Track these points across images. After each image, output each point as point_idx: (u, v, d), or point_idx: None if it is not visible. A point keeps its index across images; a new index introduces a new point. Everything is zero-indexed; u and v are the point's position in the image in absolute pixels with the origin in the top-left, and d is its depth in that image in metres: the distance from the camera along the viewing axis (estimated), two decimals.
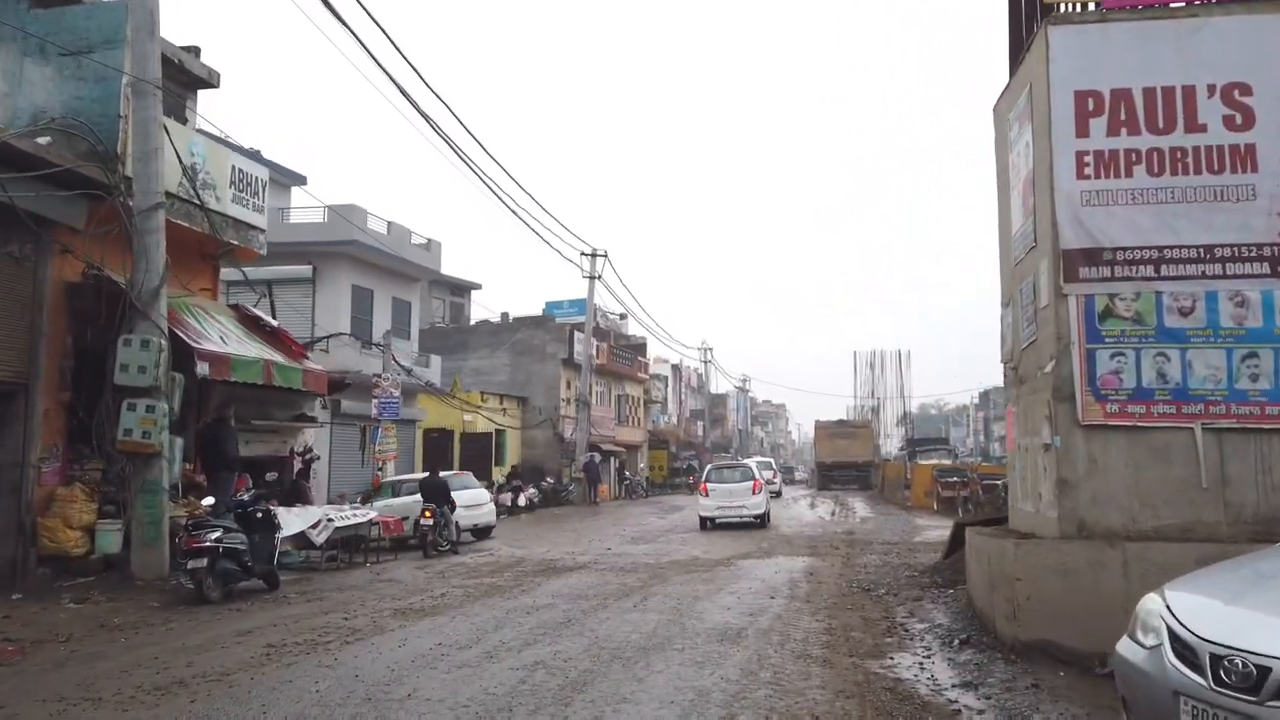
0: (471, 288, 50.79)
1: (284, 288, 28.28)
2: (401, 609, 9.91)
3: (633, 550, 16.90)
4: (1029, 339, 8.04)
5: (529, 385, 39.55)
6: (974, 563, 8.56)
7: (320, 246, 27.72)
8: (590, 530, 22.42)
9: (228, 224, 14.13)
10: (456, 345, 41.00)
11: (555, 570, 13.70)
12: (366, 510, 16.08)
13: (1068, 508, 7.06)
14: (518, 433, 38.44)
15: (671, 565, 14.25)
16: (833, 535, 19.85)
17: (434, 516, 16.88)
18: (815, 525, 23.34)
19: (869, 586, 11.17)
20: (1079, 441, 7.09)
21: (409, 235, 30.63)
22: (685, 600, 10.37)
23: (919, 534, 20.31)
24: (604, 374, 44.21)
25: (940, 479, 28.15)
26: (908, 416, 77.46)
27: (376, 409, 25.97)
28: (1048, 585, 6.73)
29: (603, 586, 11.67)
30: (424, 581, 12.56)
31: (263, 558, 11.42)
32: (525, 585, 11.87)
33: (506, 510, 30.11)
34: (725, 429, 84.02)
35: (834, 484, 48.62)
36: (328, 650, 7.62)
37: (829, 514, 27.88)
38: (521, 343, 40.15)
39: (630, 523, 24.87)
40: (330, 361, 26.92)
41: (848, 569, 13.47)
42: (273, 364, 13.14)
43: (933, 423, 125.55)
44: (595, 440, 41.18)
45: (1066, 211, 7.27)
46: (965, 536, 9.41)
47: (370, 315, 29.27)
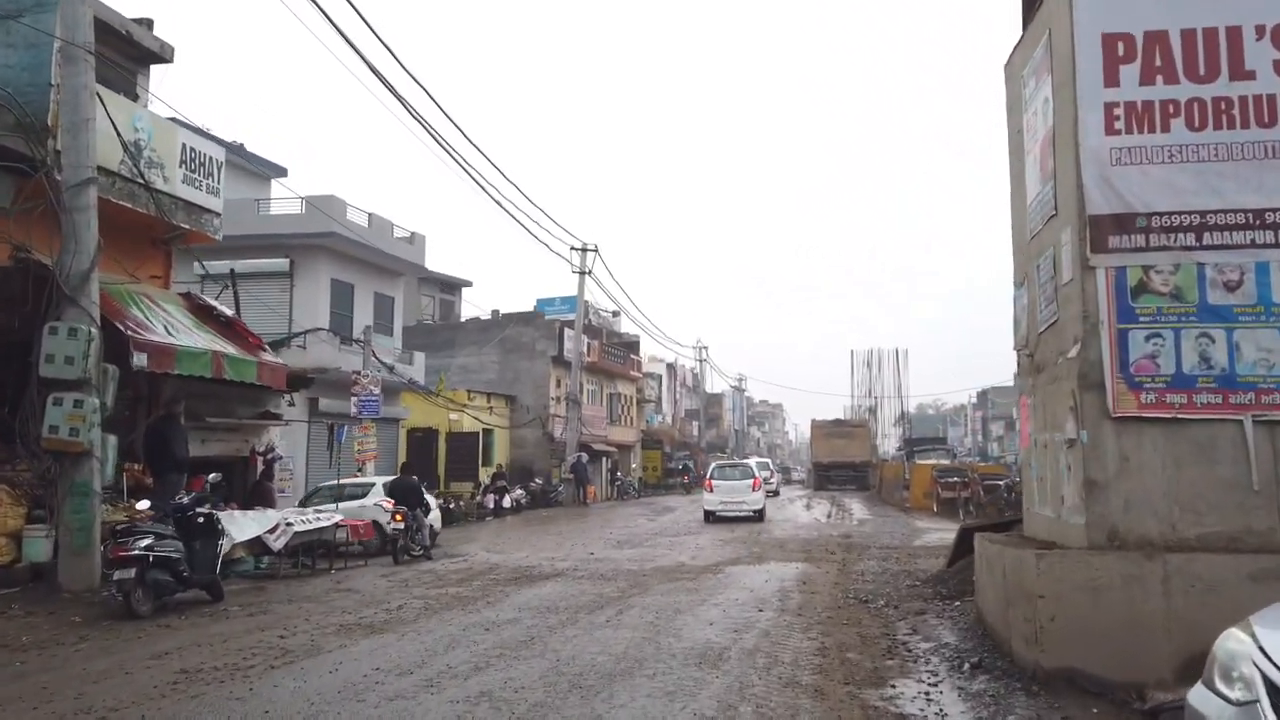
0: (462, 285, 49.85)
1: (260, 282, 27.37)
2: (348, 624, 8.93)
3: (616, 555, 15.94)
4: (1048, 321, 7.08)
5: (518, 384, 38.58)
6: (985, 574, 7.60)
7: (297, 239, 26.73)
8: (575, 533, 21.45)
9: (177, 206, 13.15)
10: (444, 342, 40.02)
11: (529, 578, 12.73)
12: (331, 514, 15.10)
13: (1096, 513, 6.10)
14: (506, 432, 37.46)
15: (655, 572, 13.29)
16: (828, 539, 18.90)
17: (405, 520, 15.90)
18: (810, 527, 22.39)
19: (867, 597, 10.20)
20: (1109, 436, 6.14)
21: (391, 228, 29.63)
22: (664, 614, 9.40)
23: (919, 537, 19.36)
24: (595, 372, 43.24)
25: (940, 479, 27.24)
26: (905, 416, 76.66)
27: (356, 407, 24.98)
28: (1075, 604, 5.78)
29: (577, 597, 10.70)
30: (384, 591, 11.58)
31: (204, 566, 10.43)
32: (492, 596, 10.89)
33: (491, 512, 29.19)
34: (721, 429, 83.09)
35: (831, 484, 47.69)
36: (246, 677, 6.64)
37: (825, 516, 26.93)
38: (510, 340, 39.17)
39: (618, 525, 23.91)
40: (308, 358, 25.96)
41: (844, 577, 12.52)
42: (223, 356, 12.17)
43: (930, 423, 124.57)
44: (586, 440, 40.21)
45: (1094, 172, 6.32)
46: (974, 543, 8.43)
47: (350, 310, 28.28)
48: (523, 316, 39.77)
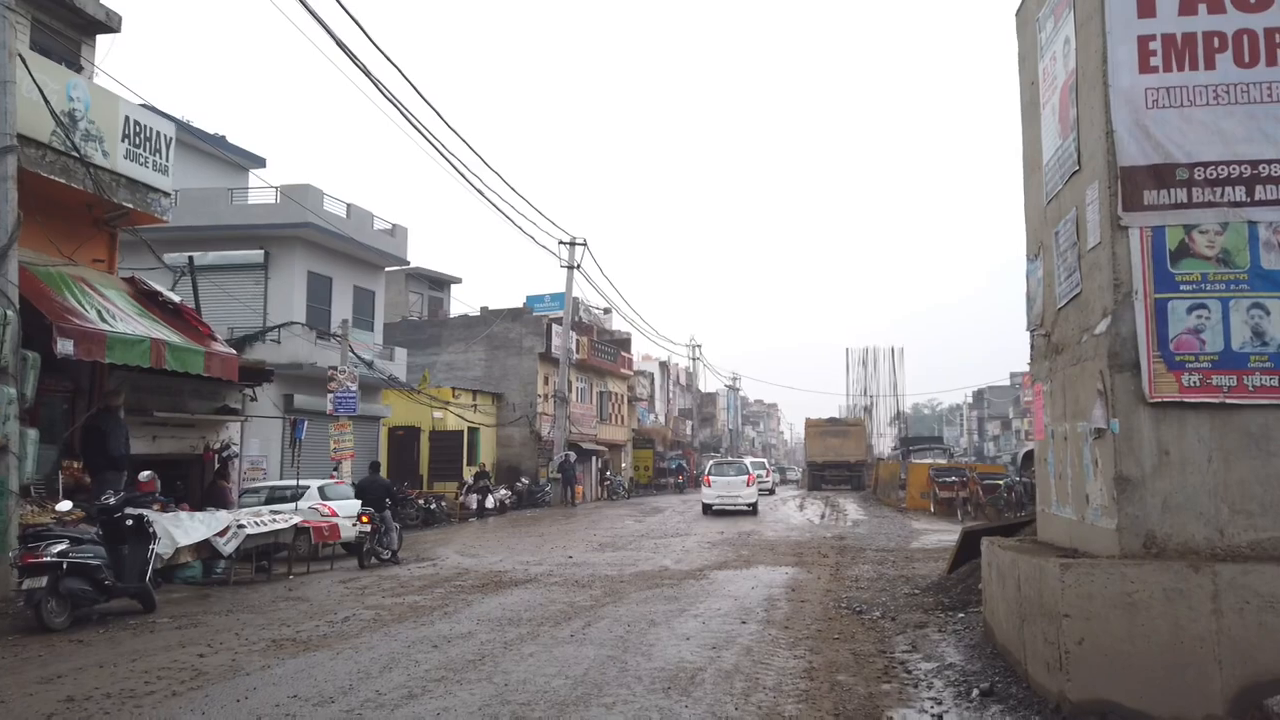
0: (450, 281, 48.92)
1: (233, 274, 26.41)
2: (282, 640, 7.98)
3: (596, 559, 15.00)
4: (1069, 294, 6.15)
5: (505, 381, 37.63)
6: (995, 585, 6.67)
7: (272, 230, 25.73)
8: (558, 535, 20.50)
9: (119, 183, 12.18)
10: (429, 339, 39.09)
11: (498, 585, 11.79)
12: (290, 515, 14.14)
13: (1130, 515, 5.18)
14: (492, 431, 36.53)
15: (635, 578, 12.36)
16: (821, 541, 17.98)
17: (372, 523, 14.96)
18: (803, 529, 21.47)
19: (861, 607, 9.27)
20: (1145, 425, 5.22)
21: (371, 219, 28.64)
22: (637, 627, 8.47)
23: (916, 539, 18.45)
24: (585, 369, 42.30)
25: (937, 479, 26.32)
26: (901, 415, 75.84)
27: (332, 404, 24.10)
28: (1108, 624, 4.85)
29: (544, 607, 9.76)
30: (336, 600, 10.63)
31: (132, 573, 9.49)
32: (453, 605, 9.95)
33: (474, 513, 28.25)
34: (715, 428, 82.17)
35: (825, 484, 46.77)
36: (137, 708, 5.70)
37: (818, 516, 26.01)
38: (497, 336, 38.20)
39: (603, 526, 22.96)
40: (282, 353, 25.00)
41: (836, 583, 11.59)
42: (164, 345, 11.21)
43: (925, 422, 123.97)
44: (575, 439, 39.26)
45: (1126, 115, 5.40)
46: (981, 548, 7.51)
47: (329, 304, 27.28)
48: (510, 313, 38.78)
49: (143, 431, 13.54)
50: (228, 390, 15.46)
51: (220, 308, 25.67)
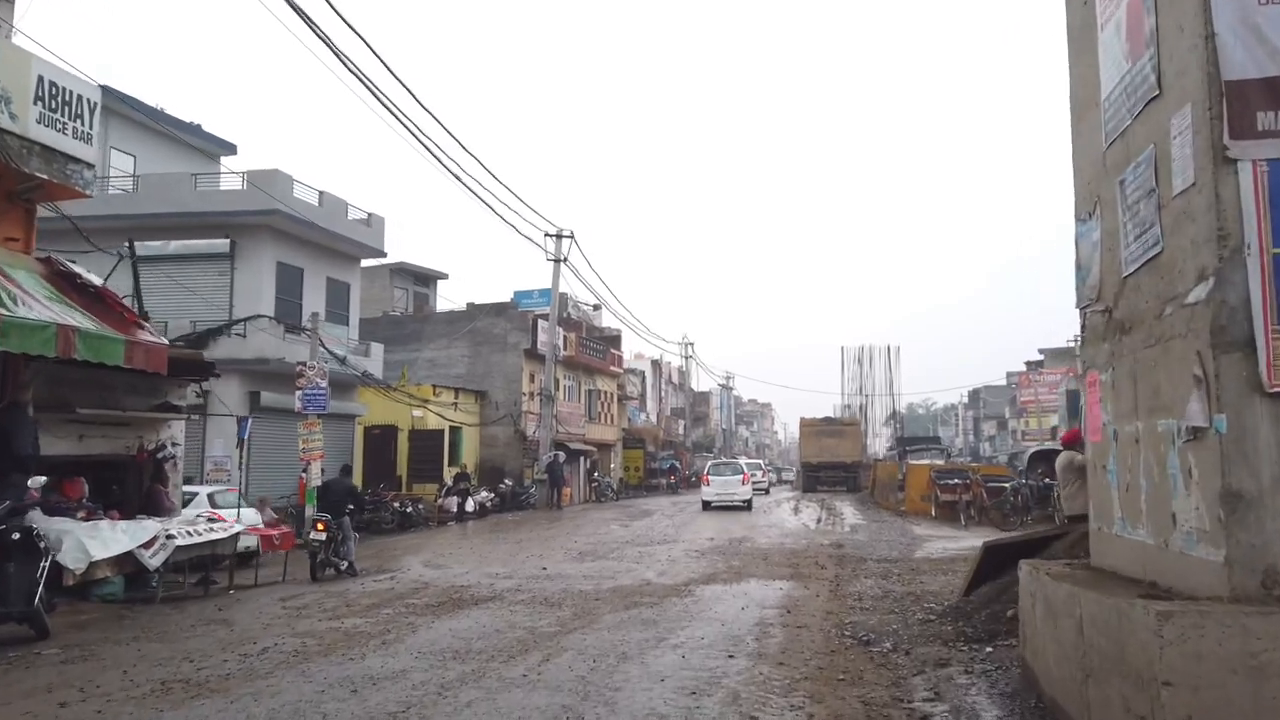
0: (436, 277, 47.56)
1: (197, 264, 25.01)
2: (174, 681, 6.62)
3: (572, 571, 13.67)
4: (1143, 255, 4.83)
5: (489, 378, 36.25)
6: (1043, 623, 5.34)
7: (238, 217, 24.34)
8: (537, 542, 19.16)
9: (31, 151, 10.80)
10: (411, 335, 37.69)
11: (456, 604, 10.45)
12: (230, 523, 12.78)
13: (1244, 544, 3.86)
14: (475, 430, 35.15)
15: (612, 594, 11.03)
16: (818, 549, 16.67)
17: (327, 530, 13.60)
18: (798, 535, 20.15)
19: (868, 637, 7.94)
20: (1263, 423, 3.91)
21: (345, 208, 27.24)
22: (604, 663, 7.14)
23: (920, 547, 17.16)
24: (573, 367, 40.95)
25: (939, 481, 25.04)
26: (896, 415, 74.66)
27: (301, 401, 22.72)
28: (1225, 695, 3.54)
29: (500, 635, 8.43)
30: (264, 624, 9.27)
31: (18, 595, 8.14)
32: (395, 632, 8.61)
33: (454, 517, 26.90)
34: (708, 428, 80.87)
35: (820, 485, 45.48)
36: None
37: (814, 521, 24.70)
38: (481, 332, 36.81)
39: (587, 531, 21.63)
40: (248, 347, 23.64)
41: (837, 602, 10.27)
42: (74, 331, 9.83)
43: (920, 422, 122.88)
44: (563, 438, 37.91)
45: (1231, 14, 4.08)
46: (1020, 575, 6.19)
47: (299, 297, 25.89)
48: (494, 308, 37.39)
49: (65, 430, 12.16)
50: (170, 385, 14.08)
51: (184, 300, 24.34)
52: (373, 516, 24.49)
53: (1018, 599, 7.39)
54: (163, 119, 28.53)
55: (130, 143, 27.75)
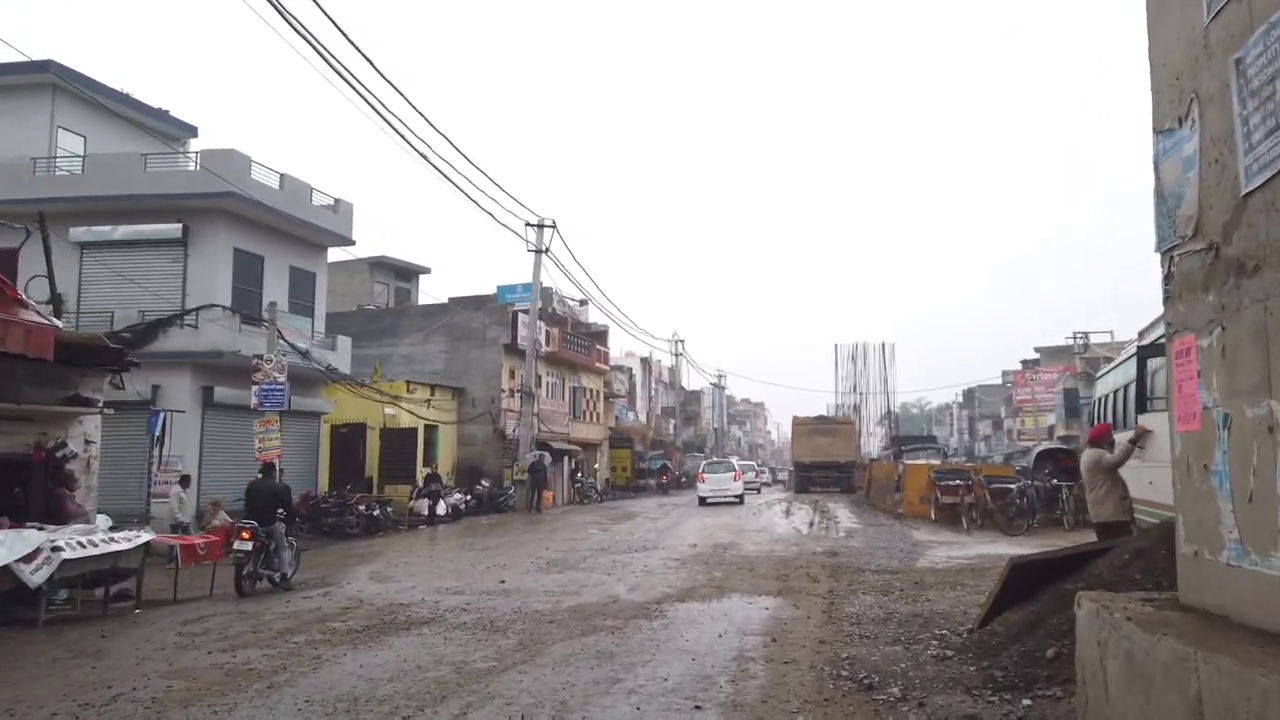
0: (419, 272, 46.09)
1: (147, 250, 23.36)
2: None
3: (533, 585, 12.13)
4: (1272, 165, 3.29)
5: (467, 375, 34.68)
6: (1127, 690, 3.77)
7: (191, 200, 22.75)
8: (505, 549, 17.61)
9: None
10: (386, 330, 36.11)
11: (384, 628, 8.89)
12: (135, 533, 11.22)
13: None
14: (453, 429, 33.58)
15: (570, 616, 9.49)
16: (810, 558, 15.14)
17: (254, 539, 12.03)
18: (788, 541, 18.63)
19: (870, 679, 6.38)
20: None
21: (309, 192, 25.65)
22: (537, 717, 5.60)
23: (921, 555, 15.65)
24: (556, 363, 39.40)
25: (939, 482, 23.53)
26: (891, 413, 73.29)
27: (257, 397, 21.17)
28: None
29: (420, 673, 6.88)
30: (140, 657, 7.69)
31: None
32: (292, 669, 7.05)
33: (425, 520, 25.35)
34: (699, 427, 79.40)
35: (813, 486, 43.97)
36: None
37: (806, 524, 23.18)
38: (459, 327, 35.25)
39: (563, 536, 20.09)
40: (200, 339, 22.03)
41: (832, 626, 8.74)
42: None
43: (914, 422, 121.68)
44: (545, 437, 36.37)
45: None
46: (1079, 613, 4.64)
47: (259, 286, 24.31)
48: (473, 301, 35.80)
49: None
50: (82, 376, 12.50)
51: (132, 289, 22.73)
52: (337, 521, 22.97)
53: (1058, 633, 5.87)
54: (115, 97, 26.88)
55: (81, 123, 26.10)
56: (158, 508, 21.27)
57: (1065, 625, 5.94)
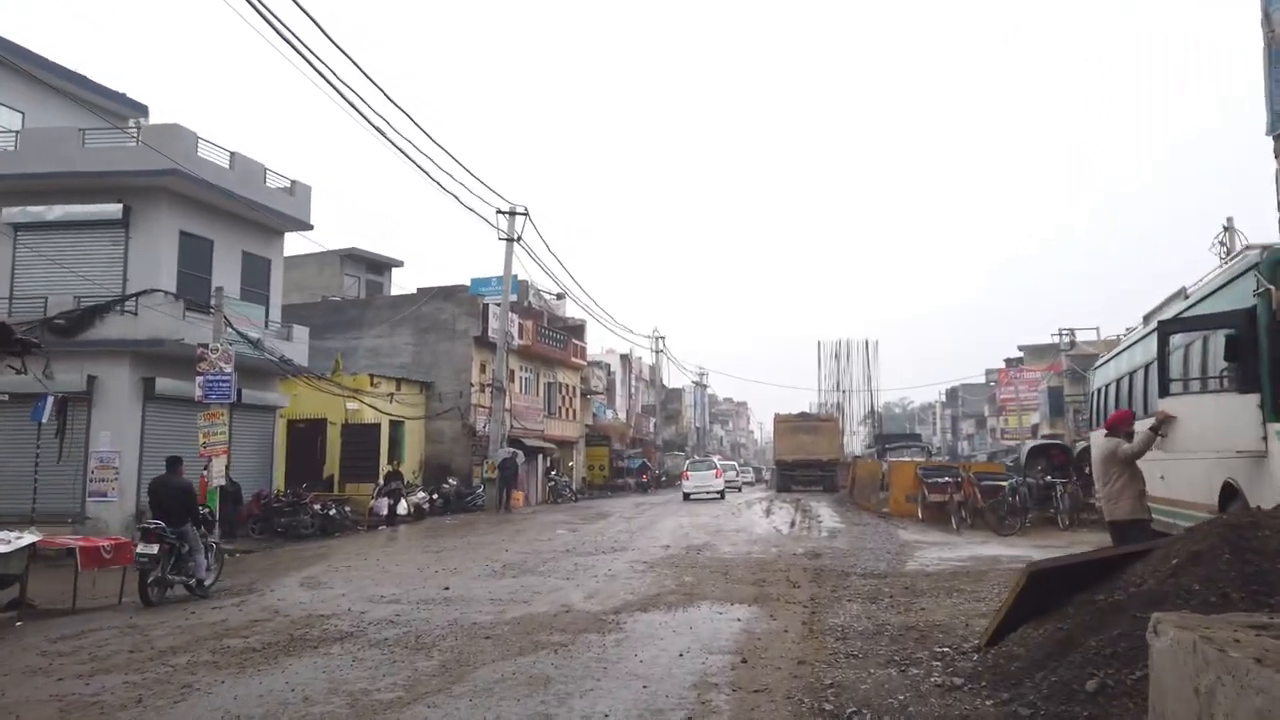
0: (391, 265, 44.73)
1: (85, 232, 21.76)
2: None
3: (480, 592, 10.81)
4: None
5: (435, 368, 33.28)
6: None
7: (132, 179, 21.24)
8: (461, 550, 16.29)
9: None
10: (351, 322, 34.68)
11: (287, 647, 7.56)
12: (15, 534, 9.83)
13: None
14: (420, 424, 32.17)
15: (510, 630, 8.18)
16: (790, 560, 13.90)
17: (161, 540, 10.66)
18: (768, 541, 17.39)
19: (862, 716, 5.11)
20: None
21: (263, 173, 24.18)
22: None
23: (911, 557, 14.44)
24: (530, 357, 38.05)
25: (926, 480, 22.37)
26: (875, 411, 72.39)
27: (201, 389, 19.74)
28: None
29: (307, 706, 5.58)
30: None
31: None
32: (151, 703, 5.72)
33: (384, 520, 23.97)
34: (680, 426, 78.22)
35: (795, 484, 42.82)
36: None
37: (787, 524, 21.96)
38: (427, 318, 33.85)
39: (528, 537, 18.78)
40: (140, 327, 20.53)
41: (813, 642, 7.47)
42: None
43: (897, 421, 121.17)
44: (519, 434, 35.04)
45: None
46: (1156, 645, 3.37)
47: (208, 272, 22.82)
48: (442, 291, 34.40)
49: None
50: None
51: (68, 273, 21.21)
52: (290, 521, 21.58)
53: (1098, 660, 4.62)
54: (61, 74, 25.33)
55: (18, 98, 24.52)
56: (95, 508, 19.92)
57: (1107, 649, 4.70)
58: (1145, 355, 12.50)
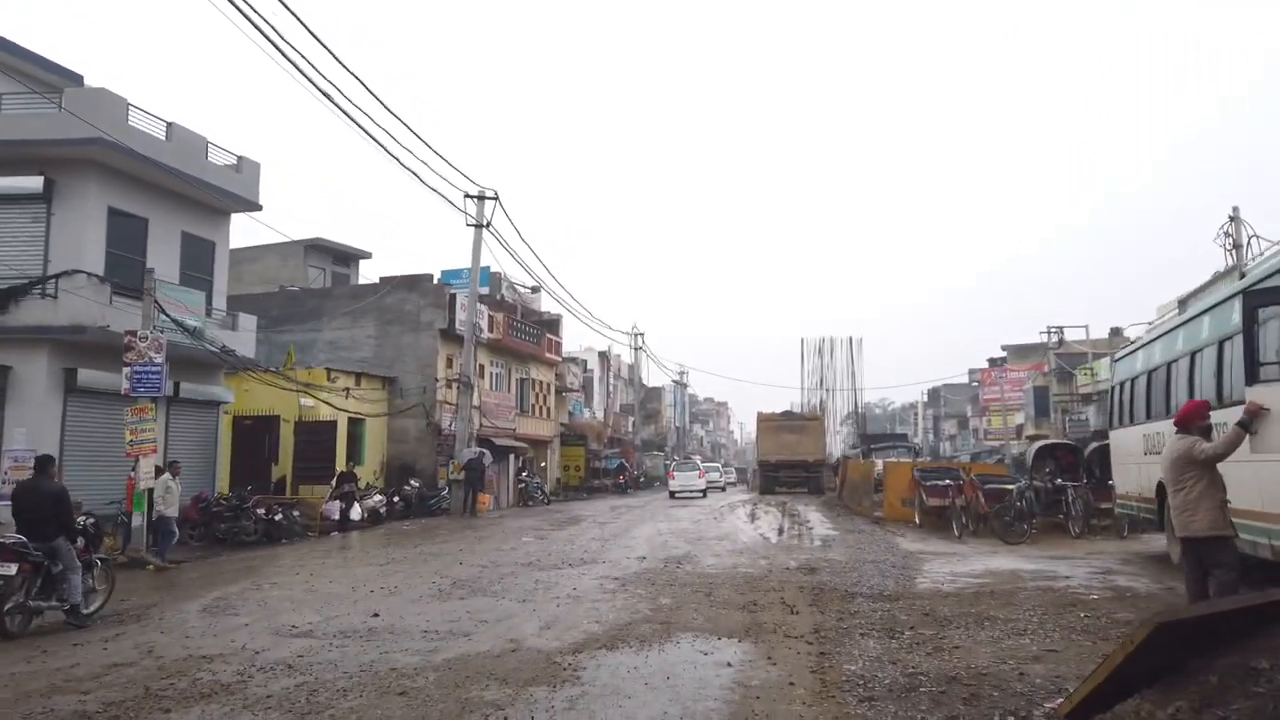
0: (359, 256, 42.64)
1: (1, 207, 19.91)
2: None
3: (415, 619, 8.95)
4: None
5: (399, 363, 31.30)
6: None
7: (55, 149, 19.20)
8: (408, 564, 14.40)
9: None
10: (309, 313, 32.62)
11: (132, 710, 5.68)
12: None
13: None
14: (382, 422, 30.18)
15: (435, 680, 6.34)
16: (783, 575, 12.12)
17: (22, 558, 8.72)
18: (755, 552, 15.61)
19: None
20: None
21: (204, 146, 22.16)
22: None
23: (919, 571, 12.69)
24: (501, 352, 36.14)
25: (924, 482, 20.69)
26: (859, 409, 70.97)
27: (129, 381, 17.74)
28: None
29: None
30: None
31: None
32: None
33: (336, 525, 22.01)
34: (659, 425, 76.45)
35: (779, 486, 41.13)
36: None
37: (775, 531, 20.20)
38: (391, 309, 31.86)
39: (489, 546, 16.92)
40: (60, 312, 18.47)
41: (830, 704, 5.65)
42: None
43: (878, 422, 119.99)
44: (489, 433, 33.14)
45: None
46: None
47: (142, 253, 20.80)
48: (406, 281, 32.40)
49: None
50: None
51: None
52: (231, 527, 19.56)
53: None
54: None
55: None
56: (6, 513, 17.90)
57: None
58: (1190, 341, 10.83)
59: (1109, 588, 10.71)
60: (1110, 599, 9.83)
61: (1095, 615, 8.69)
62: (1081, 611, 8.90)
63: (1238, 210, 29.37)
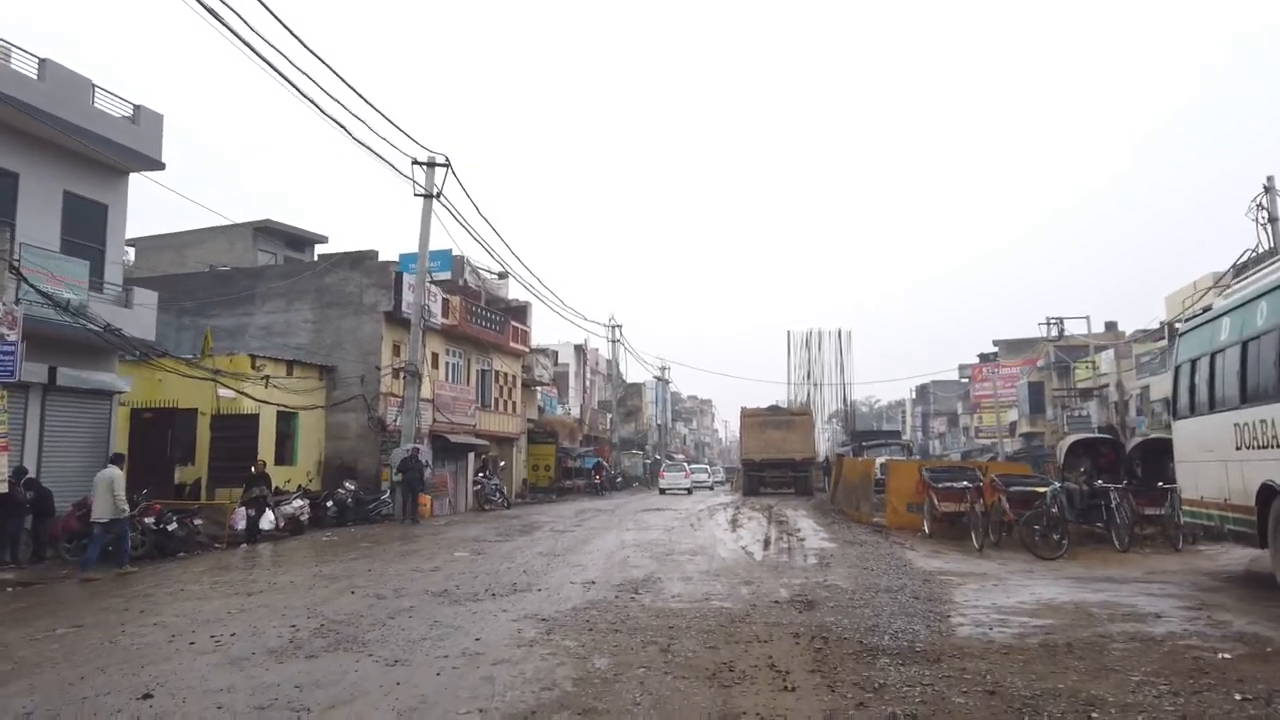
0: (314, 240, 39.20)
1: None
2: None
3: (195, 705, 5.71)
4: None
5: (339, 350, 27.97)
6: None
7: None
8: (279, 595, 11.14)
9: None
10: (240, 295, 29.20)
11: None
12: None
13: None
14: (319, 416, 26.86)
15: None
16: (771, 613, 8.95)
17: None
18: (734, 573, 12.42)
19: None
20: None
21: (90, 91, 18.80)
22: None
23: (952, 604, 9.53)
24: (458, 339, 32.84)
25: (935, 484, 17.60)
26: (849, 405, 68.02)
27: None
28: None
29: None
30: None
31: None
32: None
33: (244, 537, 18.71)
34: (640, 423, 73.22)
35: (765, 487, 38.00)
36: None
37: (759, 543, 17.03)
38: (330, 291, 28.52)
39: (401, 568, 13.67)
40: None
41: None
42: None
43: (864, 419, 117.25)
44: (444, 429, 29.88)
45: None
46: None
47: (11, 215, 17.47)
48: (348, 258, 29.04)
49: None
50: None
51: None
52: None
53: None
54: None
55: None
56: None
57: None
58: None
59: (1229, 635, 7.60)
60: (1247, 657, 6.71)
61: (1249, 691, 5.58)
62: (1221, 685, 5.79)
63: (1272, 180, 26.44)
